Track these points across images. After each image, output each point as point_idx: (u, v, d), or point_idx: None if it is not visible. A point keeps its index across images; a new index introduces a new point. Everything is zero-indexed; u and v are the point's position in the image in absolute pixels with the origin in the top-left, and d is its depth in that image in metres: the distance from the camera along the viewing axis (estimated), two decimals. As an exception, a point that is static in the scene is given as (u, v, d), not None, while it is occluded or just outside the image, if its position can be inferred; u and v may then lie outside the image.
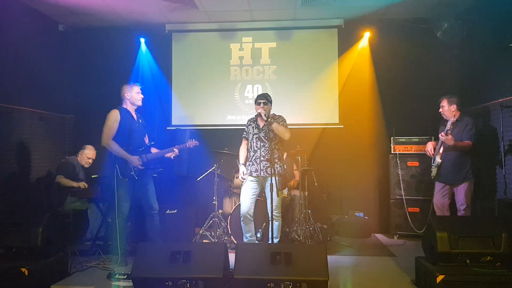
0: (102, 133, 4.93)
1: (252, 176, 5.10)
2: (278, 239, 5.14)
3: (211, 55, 7.47)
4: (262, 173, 5.04)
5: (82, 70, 7.44)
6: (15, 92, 6.09)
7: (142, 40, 7.27)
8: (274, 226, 5.06)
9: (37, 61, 6.41)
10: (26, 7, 6.39)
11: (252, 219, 5.16)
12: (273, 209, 4.98)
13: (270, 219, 5.07)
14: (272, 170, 4.79)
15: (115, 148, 4.90)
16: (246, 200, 5.10)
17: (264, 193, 5.22)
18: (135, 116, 5.18)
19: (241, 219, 5.14)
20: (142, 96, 5.19)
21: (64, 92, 7.16)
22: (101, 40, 7.41)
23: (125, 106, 5.13)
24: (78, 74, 7.41)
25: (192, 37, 7.52)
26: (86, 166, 6.25)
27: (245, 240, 5.14)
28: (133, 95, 5.12)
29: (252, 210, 5.13)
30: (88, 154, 6.23)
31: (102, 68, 7.35)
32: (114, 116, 4.97)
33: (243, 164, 5.23)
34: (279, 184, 5.02)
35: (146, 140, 5.30)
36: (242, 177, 5.15)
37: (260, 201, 5.45)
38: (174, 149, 5.19)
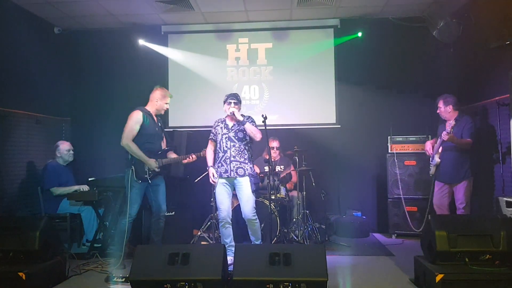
0: (122, 133, 4.87)
1: (222, 177, 5.02)
2: (260, 241, 5.09)
3: (207, 56, 7.44)
4: (232, 174, 4.95)
5: (78, 72, 7.41)
6: (10, 95, 6.06)
7: (139, 41, 7.24)
8: (253, 230, 5.03)
9: (32, 64, 6.40)
10: (21, 10, 6.36)
11: (231, 222, 5.08)
12: (248, 211, 4.95)
13: (247, 223, 5.03)
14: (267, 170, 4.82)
15: (134, 149, 4.86)
16: (224, 203, 5.01)
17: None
18: (155, 119, 5.13)
19: (221, 224, 5.04)
20: (168, 107, 5.22)
21: (60, 94, 7.14)
22: (96, 42, 7.38)
23: (148, 109, 5.07)
24: (74, 76, 7.39)
25: (188, 38, 7.52)
26: (71, 159, 6.14)
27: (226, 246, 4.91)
28: (163, 104, 5.12)
29: (230, 213, 5.06)
30: (66, 147, 6.07)
31: (98, 70, 7.33)
32: (136, 117, 4.91)
33: (211, 166, 5.11)
34: (252, 185, 4.98)
35: (163, 145, 5.25)
36: (212, 180, 5.07)
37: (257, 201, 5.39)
38: (193, 156, 5.14)
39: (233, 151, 4.97)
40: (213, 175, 5.05)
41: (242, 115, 5.01)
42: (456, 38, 6.35)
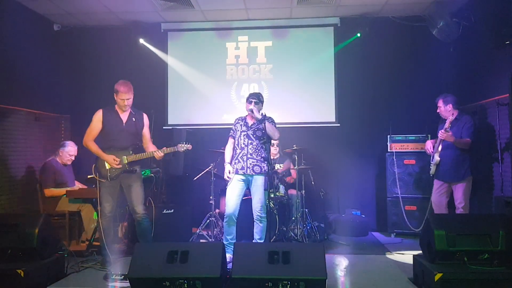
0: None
1: (238, 174, 5.07)
2: (263, 240, 5.08)
3: (207, 54, 7.45)
4: (248, 171, 5.01)
5: (77, 69, 7.40)
6: (9, 92, 6.05)
7: (141, 40, 7.24)
8: (259, 228, 5.05)
9: (32, 61, 6.38)
10: (20, 7, 6.35)
11: (236, 221, 5.08)
12: (259, 209, 5.01)
13: (254, 219, 5.07)
14: (264, 168, 4.90)
15: (93, 148, 4.88)
16: (233, 200, 5.04)
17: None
18: (123, 117, 4.98)
19: (226, 220, 5.06)
20: (126, 104, 4.90)
21: (60, 92, 7.14)
22: (96, 39, 7.37)
23: (115, 107, 4.99)
24: (73, 73, 7.37)
25: (188, 36, 7.51)
26: (68, 163, 6.13)
27: (225, 242, 4.95)
28: (118, 100, 4.92)
29: (237, 212, 5.07)
30: (70, 151, 6.09)
31: (98, 67, 7.32)
32: (96, 117, 4.94)
33: (228, 163, 5.18)
34: (264, 184, 5.01)
35: (144, 142, 5.14)
36: (228, 176, 5.10)
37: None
38: (156, 152, 4.93)
39: (250, 149, 5.05)
40: (229, 172, 5.09)
41: (262, 114, 5.01)
42: (456, 37, 6.34)
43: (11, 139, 6.07)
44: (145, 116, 5.19)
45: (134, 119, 5.05)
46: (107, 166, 4.87)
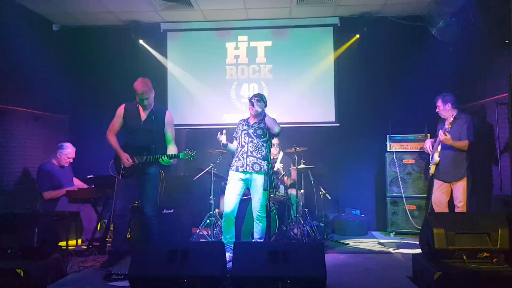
0: None
1: (238, 172, 5.06)
2: (263, 240, 5.07)
3: (206, 54, 7.46)
4: (248, 168, 5.00)
5: (77, 69, 7.38)
6: (9, 93, 6.07)
7: (140, 41, 7.27)
8: (259, 228, 5.04)
9: (31, 61, 6.38)
10: (19, 7, 6.36)
11: (234, 220, 5.09)
12: (259, 209, 5.00)
13: (254, 219, 5.07)
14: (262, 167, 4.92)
15: (112, 142, 4.88)
16: (231, 199, 5.04)
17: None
18: (143, 114, 4.88)
19: (224, 219, 5.07)
20: (146, 104, 4.78)
21: (59, 92, 7.12)
22: (95, 39, 7.38)
23: (138, 103, 4.88)
24: (73, 73, 7.36)
25: (187, 36, 7.52)
26: (66, 165, 6.11)
27: (224, 241, 4.95)
28: (138, 99, 4.81)
29: (236, 211, 5.07)
30: (69, 154, 6.07)
31: (97, 67, 7.33)
32: (118, 111, 4.91)
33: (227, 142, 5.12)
34: (264, 184, 4.98)
35: (166, 141, 5.05)
36: (220, 138, 5.03)
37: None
38: (162, 158, 4.82)
39: (250, 146, 5.06)
40: (223, 139, 5.03)
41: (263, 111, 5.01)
42: (456, 37, 6.35)
43: (11, 139, 6.07)
44: (167, 114, 5.02)
45: (154, 117, 4.91)
46: (122, 162, 4.83)
